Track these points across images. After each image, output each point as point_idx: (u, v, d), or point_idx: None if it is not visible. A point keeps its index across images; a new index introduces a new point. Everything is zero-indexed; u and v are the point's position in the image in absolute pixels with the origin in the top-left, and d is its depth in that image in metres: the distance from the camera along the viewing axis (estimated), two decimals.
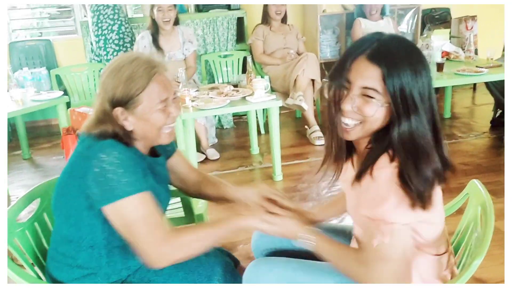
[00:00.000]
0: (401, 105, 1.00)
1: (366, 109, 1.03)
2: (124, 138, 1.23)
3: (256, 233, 1.49)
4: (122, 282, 1.28)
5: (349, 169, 1.19)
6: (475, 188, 1.27)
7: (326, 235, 1.20)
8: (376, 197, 1.02)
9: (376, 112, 1.03)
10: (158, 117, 1.23)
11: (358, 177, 1.08)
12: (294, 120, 4.53)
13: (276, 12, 4.05)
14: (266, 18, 4.13)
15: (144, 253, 1.16)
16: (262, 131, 4.11)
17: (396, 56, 1.01)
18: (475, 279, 1.98)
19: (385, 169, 1.02)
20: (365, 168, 1.07)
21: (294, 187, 3.02)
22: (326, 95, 1.12)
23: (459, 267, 1.23)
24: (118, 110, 1.20)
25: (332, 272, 1.24)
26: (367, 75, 1.02)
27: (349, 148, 1.17)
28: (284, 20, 4.18)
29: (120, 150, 1.18)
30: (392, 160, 1.03)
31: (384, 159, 1.04)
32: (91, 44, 4.11)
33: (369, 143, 1.12)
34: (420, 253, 1.14)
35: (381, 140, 1.07)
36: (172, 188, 1.57)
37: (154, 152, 1.38)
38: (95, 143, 1.19)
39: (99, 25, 3.90)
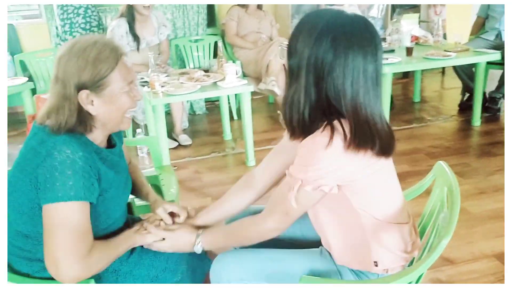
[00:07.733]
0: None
1: None
2: (81, 128, 1.18)
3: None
4: None
5: None
6: (442, 169, 1.29)
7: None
8: (304, 161, 1.07)
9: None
10: (126, 99, 1.21)
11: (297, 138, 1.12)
12: (267, 105, 4.52)
13: None
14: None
15: (57, 262, 1.09)
16: (235, 117, 4.08)
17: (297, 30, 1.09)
18: (443, 259, 2.03)
19: (322, 138, 1.04)
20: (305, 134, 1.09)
21: None
22: None
23: (426, 247, 1.25)
24: (84, 93, 1.16)
25: (301, 258, 1.24)
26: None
27: None
28: (259, 5, 4.16)
29: (74, 149, 1.13)
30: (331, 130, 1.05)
31: (324, 130, 1.05)
32: (56, 28, 3.97)
33: None
34: (381, 224, 1.15)
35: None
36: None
37: (109, 143, 1.34)
38: (48, 139, 1.14)
39: (64, 8, 3.75)
